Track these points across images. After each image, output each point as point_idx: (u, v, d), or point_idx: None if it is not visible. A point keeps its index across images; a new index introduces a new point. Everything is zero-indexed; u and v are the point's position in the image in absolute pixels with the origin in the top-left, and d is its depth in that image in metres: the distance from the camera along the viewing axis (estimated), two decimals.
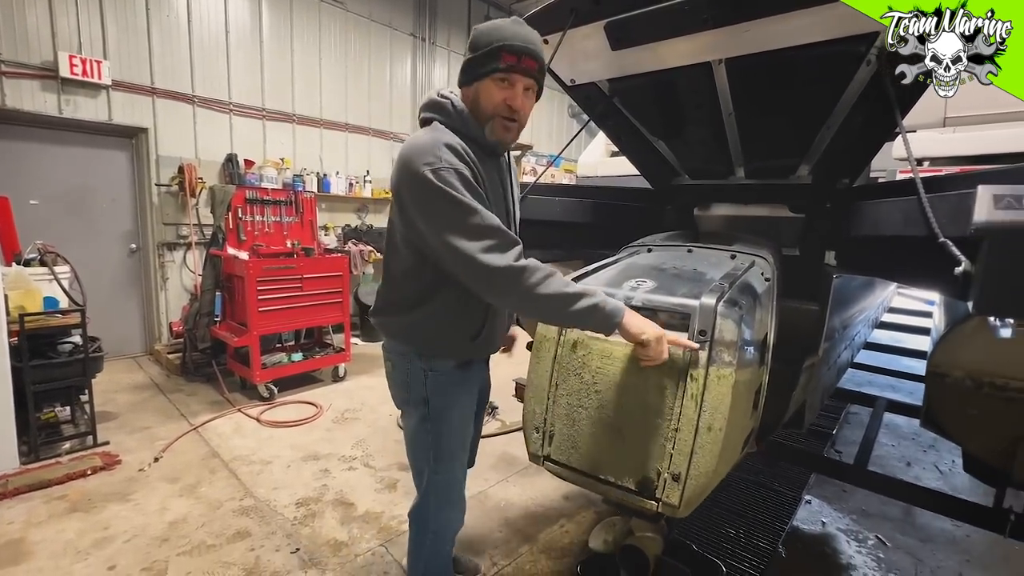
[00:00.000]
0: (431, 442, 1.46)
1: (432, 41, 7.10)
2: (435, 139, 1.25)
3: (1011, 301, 0.90)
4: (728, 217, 2.31)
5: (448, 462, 1.50)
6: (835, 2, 1.36)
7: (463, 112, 1.33)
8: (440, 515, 1.55)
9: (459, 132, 1.31)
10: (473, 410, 1.57)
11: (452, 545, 1.68)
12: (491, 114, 1.31)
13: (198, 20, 4.97)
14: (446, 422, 1.45)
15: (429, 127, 1.34)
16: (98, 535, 2.27)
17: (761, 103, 1.81)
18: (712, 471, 1.10)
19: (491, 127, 1.32)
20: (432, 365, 1.42)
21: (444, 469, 1.50)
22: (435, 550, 1.60)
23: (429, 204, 1.21)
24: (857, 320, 2.86)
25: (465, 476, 1.60)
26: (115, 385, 4.13)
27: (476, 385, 1.55)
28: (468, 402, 1.52)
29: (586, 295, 1.15)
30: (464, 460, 1.57)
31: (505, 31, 1.27)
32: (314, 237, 4.72)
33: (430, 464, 1.49)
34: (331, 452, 3.13)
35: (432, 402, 1.44)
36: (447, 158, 1.21)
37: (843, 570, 2.22)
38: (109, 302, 4.75)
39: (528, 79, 1.29)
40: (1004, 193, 0.92)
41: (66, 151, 4.52)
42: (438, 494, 1.53)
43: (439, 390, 1.43)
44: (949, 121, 2.27)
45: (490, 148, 1.37)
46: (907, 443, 3.54)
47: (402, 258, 1.38)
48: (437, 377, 1.42)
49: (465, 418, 1.52)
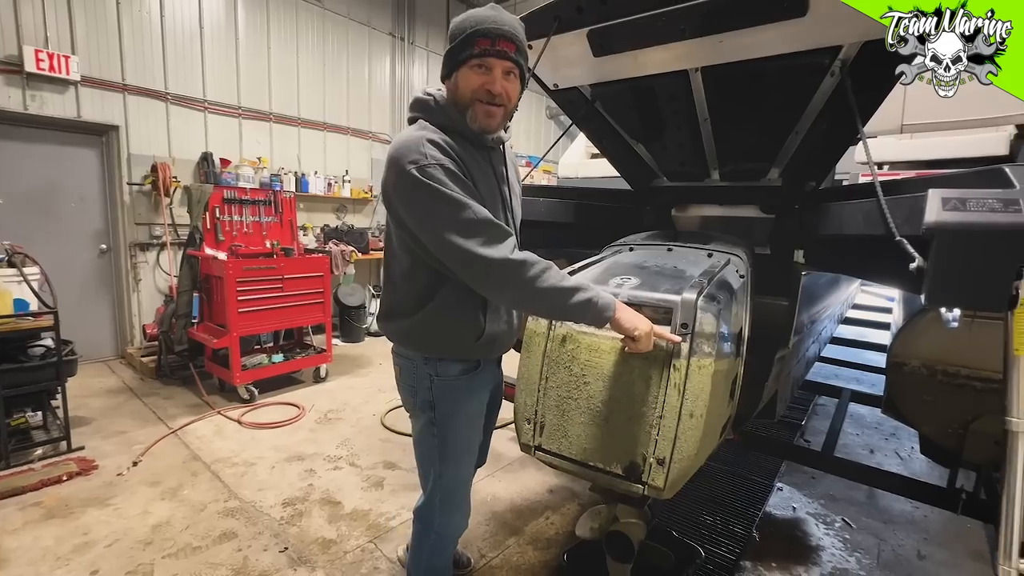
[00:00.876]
0: (437, 446, 1.46)
1: (411, 41, 7.10)
2: (418, 136, 1.24)
3: (957, 292, 1.01)
4: (704, 217, 2.41)
5: (453, 466, 1.50)
6: (799, 18, 1.46)
7: (446, 107, 1.31)
8: (444, 517, 1.55)
9: (444, 127, 1.30)
10: (482, 414, 1.55)
11: (455, 546, 1.70)
12: (470, 100, 1.27)
13: (171, 16, 4.86)
14: (452, 428, 1.45)
15: (415, 125, 1.33)
16: (78, 540, 2.23)
17: (734, 109, 1.91)
18: (694, 454, 1.18)
19: (472, 114, 1.29)
20: (438, 370, 1.40)
21: (449, 473, 1.50)
22: (437, 550, 1.61)
23: (418, 202, 1.20)
24: (824, 315, 3.02)
25: (471, 479, 1.60)
26: (87, 390, 4.01)
27: (485, 389, 1.52)
28: (476, 407, 1.50)
29: (581, 289, 1.17)
30: (470, 464, 1.55)
31: (478, 16, 1.25)
32: (294, 237, 4.69)
33: (436, 467, 1.49)
34: (316, 452, 3.13)
35: (438, 408, 1.42)
36: (432, 154, 1.20)
37: (812, 551, 2.35)
38: (78, 304, 4.60)
39: (506, 62, 1.25)
40: (951, 196, 1.02)
41: (32, 148, 4.37)
42: (443, 497, 1.52)
43: (445, 396, 1.42)
44: (906, 128, 2.43)
45: (478, 140, 1.34)
46: (870, 432, 3.73)
47: (399, 261, 1.39)
48: (443, 383, 1.41)
49: (472, 423, 1.50)
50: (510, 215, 1.44)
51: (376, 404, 3.95)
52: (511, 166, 1.52)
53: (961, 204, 0.99)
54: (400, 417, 3.68)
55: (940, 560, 2.30)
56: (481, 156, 1.35)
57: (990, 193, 1.00)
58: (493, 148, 1.40)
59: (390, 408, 3.83)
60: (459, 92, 1.29)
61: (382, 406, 3.89)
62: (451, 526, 1.58)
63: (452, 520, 1.57)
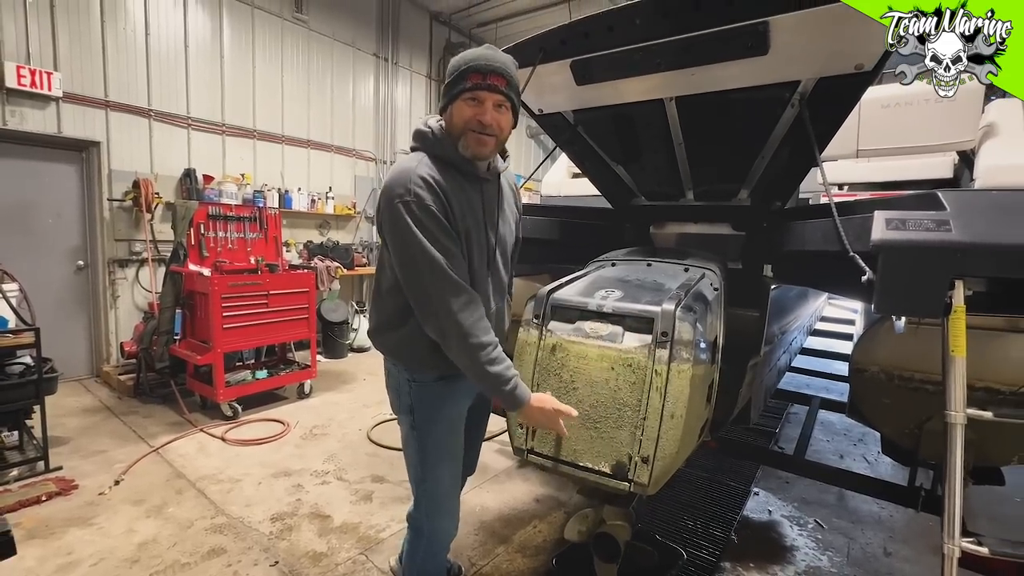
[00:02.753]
0: (418, 450, 1.54)
1: (395, 61, 7.24)
2: (410, 170, 1.33)
3: (901, 302, 1.14)
4: (680, 234, 2.56)
5: (434, 471, 1.55)
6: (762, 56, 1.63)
7: (442, 138, 1.39)
8: (431, 523, 1.61)
9: (439, 157, 1.38)
10: (462, 422, 1.60)
11: (446, 551, 1.74)
12: (462, 129, 1.35)
13: (156, 33, 4.90)
14: (430, 434, 1.52)
15: (413, 155, 1.41)
16: (61, 560, 2.19)
17: (706, 135, 2.06)
18: (675, 452, 1.28)
19: (464, 142, 1.36)
20: (414, 376, 1.50)
21: (431, 478, 1.56)
22: (429, 554, 1.66)
23: (397, 235, 1.31)
24: (793, 327, 3.19)
25: (457, 486, 1.64)
26: (62, 409, 3.91)
27: (464, 397, 1.58)
28: (455, 414, 1.56)
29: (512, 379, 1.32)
30: (454, 470, 1.60)
31: (472, 55, 1.35)
32: (279, 253, 4.70)
33: (419, 472, 1.56)
34: (303, 468, 3.13)
35: (417, 412, 1.51)
36: (416, 191, 1.29)
37: (787, 551, 2.47)
38: (53, 322, 4.46)
39: (496, 95, 1.33)
40: (894, 217, 1.16)
41: (9, 164, 4.31)
42: (428, 502, 1.59)
43: (423, 402, 1.51)
44: (861, 153, 2.65)
45: (470, 172, 1.41)
46: (840, 438, 3.91)
47: (387, 276, 1.48)
48: (420, 388, 1.50)
49: (452, 429, 1.56)
50: (494, 242, 1.50)
51: (362, 419, 3.96)
52: (508, 195, 1.61)
53: (902, 224, 1.14)
54: (387, 431, 3.70)
55: (904, 556, 2.44)
56: (472, 188, 1.43)
57: (926, 215, 1.14)
58: (486, 180, 1.47)
59: (376, 423, 3.85)
60: (453, 123, 1.37)
61: (368, 421, 3.90)
62: (439, 531, 1.63)
63: (439, 525, 1.62)
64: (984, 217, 1.12)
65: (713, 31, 1.63)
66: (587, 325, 1.44)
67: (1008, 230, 1.07)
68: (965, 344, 1.10)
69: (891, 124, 2.51)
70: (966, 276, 1.07)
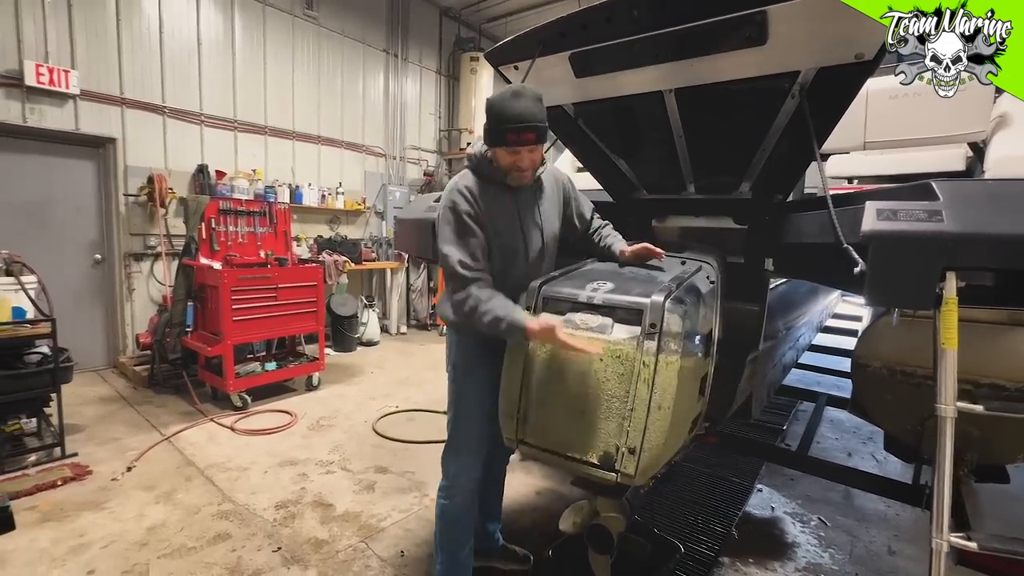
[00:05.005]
0: (454, 399, 1.83)
1: (404, 57, 7.27)
2: (457, 184, 1.71)
3: (891, 293, 1.13)
4: (682, 228, 2.54)
5: (461, 419, 1.82)
6: (760, 46, 1.60)
7: (483, 161, 1.73)
8: (450, 461, 1.85)
9: (481, 175, 1.73)
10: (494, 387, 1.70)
11: (464, 498, 1.85)
12: (506, 171, 1.70)
13: (170, 31, 4.99)
14: (464, 387, 1.81)
15: (463, 172, 1.78)
16: (74, 542, 2.27)
17: (706, 127, 2.04)
18: (662, 444, 1.28)
19: (510, 178, 1.71)
20: (460, 337, 1.80)
21: (457, 424, 1.83)
22: (448, 495, 1.84)
23: (440, 227, 1.69)
24: (800, 323, 3.14)
25: (481, 443, 1.82)
26: (79, 398, 4.03)
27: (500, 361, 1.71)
28: (487, 376, 1.73)
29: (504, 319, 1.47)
30: (479, 420, 1.79)
31: (508, 113, 1.61)
32: (288, 247, 4.76)
33: (451, 411, 1.84)
34: (308, 457, 3.19)
35: (457, 366, 1.81)
36: (457, 200, 1.66)
37: (788, 548, 2.45)
38: (71, 314, 4.62)
39: (528, 146, 1.65)
40: (885, 207, 1.15)
41: (29, 160, 4.44)
42: (451, 443, 1.84)
43: (462, 358, 1.80)
44: (868, 145, 2.59)
45: (505, 184, 1.73)
46: (849, 436, 3.85)
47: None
48: (462, 346, 1.80)
49: (482, 386, 1.76)
50: (530, 239, 1.78)
51: (368, 411, 4.01)
52: (550, 194, 1.89)
53: (893, 215, 1.12)
54: (392, 424, 3.75)
55: (909, 555, 2.40)
56: (505, 197, 1.74)
57: (918, 205, 1.12)
58: (518, 190, 1.76)
59: (382, 415, 3.89)
60: (499, 164, 1.70)
61: (374, 413, 3.95)
62: (456, 473, 1.83)
63: (456, 467, 1.83)
64: (979, 207, 1.09)
65: (710, 21, 1.62)
66: (577, 317, 1.44)
67: (1002, 220, 1.04)
68: (957, 337, 1.08)
69: (899, 115, 2.45)
70: (957, 267, 1.05)
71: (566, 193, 2.00)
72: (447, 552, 1.88)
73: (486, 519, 2.20)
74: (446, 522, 1.87)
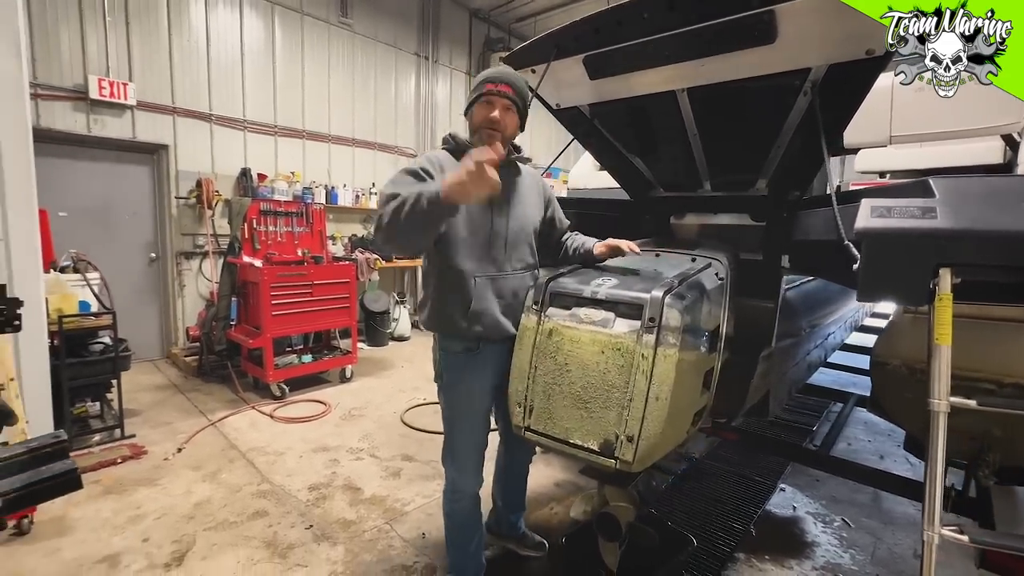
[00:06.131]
0: (444, 408, 1.86)
1: (435, 59, 7.44)
2: (427, 154, 1.77)
3: (882, 287, 1.15)
4: (700, 225, 2.55)
5: (451, 431, 1.86)
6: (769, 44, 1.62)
7: (459, 139, 1.80)
8: (449, 467, 1.90)
9: (455, 152, 1.77)
10: (483, 394, 1.81)
11: (468, 501, 1.90)
12: (477, 127, 1.72)
13: (216, 42, 5.31)
14: (452, 397, 1.82)
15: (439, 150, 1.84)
16: (131, 513, 2.51)
17: (720, 125, 2.06)
18: (660, 433, 1.34)
19: (478, 137, 1.73)
20: (444, 346, 1.80)
21: (451, 431, 1.86)
22: (451, 499, 1.91)
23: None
24: (828, 321, 3.08)
25: (474, 447, 1.86)
26: (136, 386, 4.39)
27: (486, 369, 1.77)
28: (475, 384, 1.79)
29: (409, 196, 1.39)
30: (471, 431, 1.84)
31: (488, 71, 1.73)
32: (323, 246, 5.00)
33: (445, 426, 1.87)
34: (339, 445, 3.37)
35: (444, 377, 1.82)
36: (419, 161, 1.71)
37: (807, 546, 2.43)
38: (130, 308, 5.00)
39: (504, 100, 1.70)
40: (879, 205, 1.16)
41: (93, 166, 4.84)
42: (447, 452, 1.90)
43: (449, 368, 1.80)
44: (894, 139, 2.52)
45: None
46: (883, 438, 3.73)
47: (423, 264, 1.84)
48: (448, 357, 1.79)
49: (471, 397, 1.80)
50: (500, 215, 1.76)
51: (397, 403, 4.18)
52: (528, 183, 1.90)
53: (887, 212, 1.14)
54: (419, 415, 3.90)
55: (936, 560, 2.33)
56: None
57: (913, 202, 1.13)
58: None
59: (410, 407, 4.05)
60: (472, 122, 1.75)
61: (402, 405, 4.12)
62: (455, 480, 1.88)
63: (455, 474, 1.88)
64: (975, 204, 1.10)
65: (719, 22, 1.64)
66: (582, 311, 1.51)
67: (996, 216, 1.05)
68: (951, 332, 1.09)
69: (927, 108, 2.37)
70: (950, 264, 1.06)
71: (547, 195, 2.01)
72: (457, 546, 1.96)
73: (509, 510, 2.29)
74: (452, 523, 1.94)
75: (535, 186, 1.95)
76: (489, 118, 1.69)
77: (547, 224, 1.99)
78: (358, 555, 2.25)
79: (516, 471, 2.24)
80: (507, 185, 1.75)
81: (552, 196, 2.04)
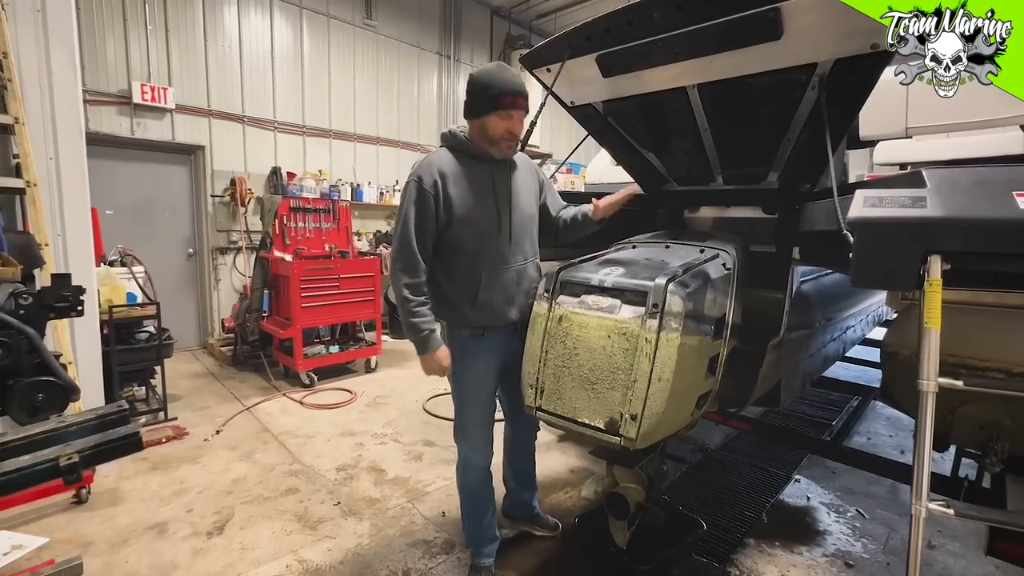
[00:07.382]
0: (455, 389, 1.98)
1: (456, 58, 7.57)
2: (428, 159, 1.81)
3: (872, 274, 1.20)
4: (713, 218, 2.60)
5: (461, 410, 1.99)
6: (775, 41, 1.67)
7: (460, 137, 1.85)
8: (460, 448, 2.04)
9: (456, 150, 1.85)
10: (490, 375, 1.95)
11: (479, 474, 2.05)
12: (499, 139, 1.80)
13: (248, 47, 5.55)
14: (460, 380, 1.95)
15: (438, 149, 1.90)
16: (176, 487, 2.72)
17: (730, 120, 2.11)
18: (661, 412, 1.42)
19: (499, 148, 1.82)
20: (452, 333, 1.92)
21: (460, 414, 2.00)
22: (464, 472, 2.06)
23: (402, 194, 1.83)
24: (846, 315, 3.08)
25: (484, 424, 1.99)
26: (177, 373, 4.66)
27: (493, 354, 1.92)
28: (483, 367, 1.92)
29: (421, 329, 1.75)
30: (480, 411, 1.98)
31: (501, 79, 1.76)
32: (349, 241, 5.19)
33: (455, 406, 2.00)
34: (365, 430, 3.54)
35: (454, 362, 1.91)
36: (422, 175, 1.75)
37: (819, 535, 2.46)
38: (170, 300, 5.28)
39: (522, 111, 1.81)
40: (872, 195, 1.22)
41: (136, 167, 5.14)
42: (459, 429, 2.02)
43: (458, 354, 1.90)
44: (911, 131, 2.50)
45: (483, 157, 1.83)
46: (905, 433, 3.69)
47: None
48: (456, 343, 1.90)
49: (478, 379, 1.93)
50: (503, 210, 1.87)
51: (419, 392, 4.34)
52: (525, 174, 2.00)
53: (879, 202, 1.19)
54: (440, 403, 4.04)
55: (950, 551, 2.35)
56: (482, 169, 1.85)
57: (905, 192, 1.19)
58: (496, 162, 1.87)
59: (431, 396, 4.20)
60: (487, 132, 1.79)
61: (424, 394, 4.27)
62: (468, 455, 2.03)
63: (467, 450, 2.03)
64: (962, 193, 1.14)
65: (725, 20, 1.70)
66: (590, 298, 1.60)
67: (982, 205, 1.09)
68: (940, 316, 1.14)
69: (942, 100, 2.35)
70: (937, 251, 1.11)
71: (540, 178, 2.11)
72: (471, 518, 2.10)
73: (521, 488, 2.40)
74: (466, 495, 2.09)
75: (530, 174, 2.05)
76: (512, 133, 1.80)
77: (543, 207, 2.11)
78: (382, 529, 2.40)
79: (523, 448, 2.35)
80: (509, 181, 1.91)
81: (545, 178, 2.16)
